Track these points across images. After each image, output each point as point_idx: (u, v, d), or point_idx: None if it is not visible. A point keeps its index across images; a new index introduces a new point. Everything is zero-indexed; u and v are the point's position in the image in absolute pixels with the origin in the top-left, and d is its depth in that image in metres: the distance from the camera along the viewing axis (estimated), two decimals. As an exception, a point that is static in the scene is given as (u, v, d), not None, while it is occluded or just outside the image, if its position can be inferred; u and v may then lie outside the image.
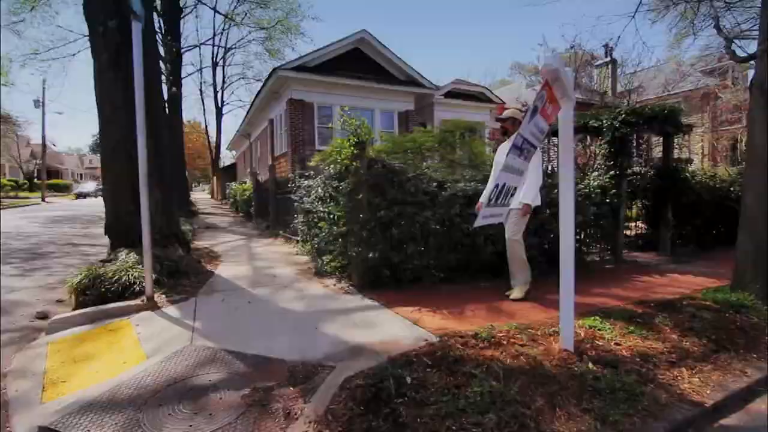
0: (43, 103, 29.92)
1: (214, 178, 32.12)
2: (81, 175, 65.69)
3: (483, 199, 4.02)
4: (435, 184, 4.43)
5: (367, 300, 3.87)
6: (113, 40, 5.04)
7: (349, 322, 3.32)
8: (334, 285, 4.34)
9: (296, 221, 6.26)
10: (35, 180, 42.01)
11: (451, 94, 14.81)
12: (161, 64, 13.73)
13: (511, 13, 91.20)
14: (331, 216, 4.40)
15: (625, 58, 16.51)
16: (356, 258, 4.09)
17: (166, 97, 11.39)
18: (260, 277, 4.84)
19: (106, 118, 5.17)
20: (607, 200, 5.57)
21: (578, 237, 5.47)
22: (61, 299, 4.48)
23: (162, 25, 15.62)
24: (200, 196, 37.01)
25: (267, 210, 10.59)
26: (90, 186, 40.20)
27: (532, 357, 2.63)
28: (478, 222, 1.99)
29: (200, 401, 2.22)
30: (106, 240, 9.03)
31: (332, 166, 4.56)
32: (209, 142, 33.23)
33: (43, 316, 3.99)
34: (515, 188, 2.32)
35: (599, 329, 3.11)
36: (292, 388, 2.34)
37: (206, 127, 35.42)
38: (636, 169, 7.09)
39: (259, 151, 18.77)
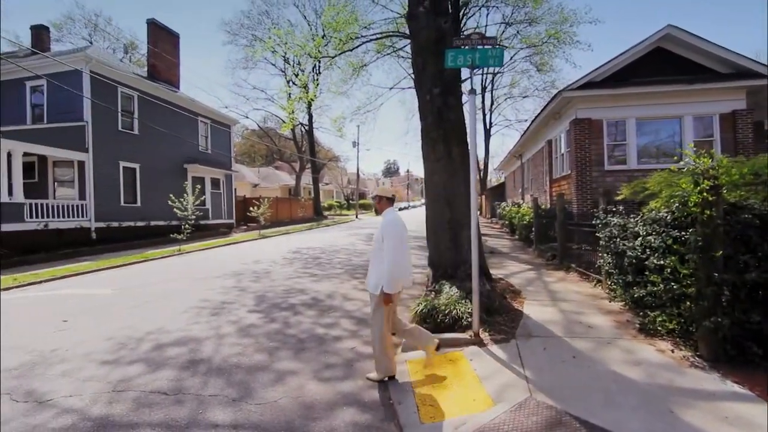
0: (358, 143, 39.66)
1: (482, 196, 33.93)
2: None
3: None
4: None
5: (730, 383, 3.10)
6: (437, 104, 6.04)
7: (717, 414, 2.73)
8: (672, 352, 3.70)
9: (601, 260, 5.78)
10: (351, 201, 55.58)
11: (813, 78, 10.57)
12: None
13: None
14: (669, 271, 3.77)
15: None
16: (708, 326, 3.37)
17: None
18: (572, 324, 4.65)
19: (430, 169, 6.20)
20: None
21: None
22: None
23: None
24: (468, 212, 39.71)
25: (548, 237, 10.30)
26: (385, 205, 50.89)
27: None
28: None
29: (565, 473, 2.27)
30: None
31: (667, 210, 3.95)
32: (477, 162, 35.51)
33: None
34: None
35: None
36: (670, 493, 2.09)
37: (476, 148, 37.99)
38: None
39: (532, 171, 18.63)
